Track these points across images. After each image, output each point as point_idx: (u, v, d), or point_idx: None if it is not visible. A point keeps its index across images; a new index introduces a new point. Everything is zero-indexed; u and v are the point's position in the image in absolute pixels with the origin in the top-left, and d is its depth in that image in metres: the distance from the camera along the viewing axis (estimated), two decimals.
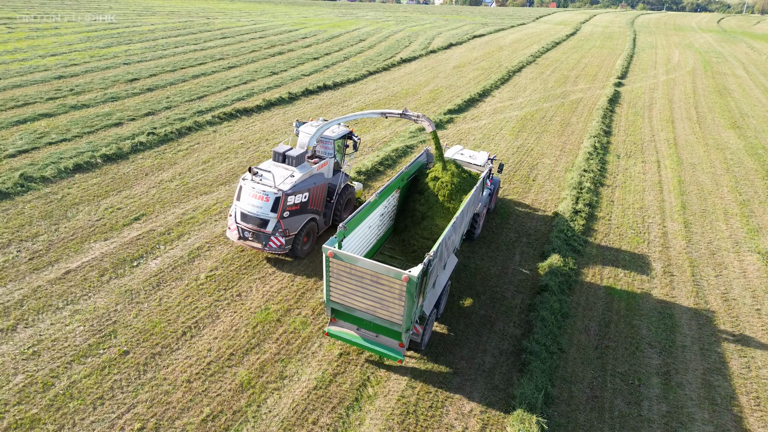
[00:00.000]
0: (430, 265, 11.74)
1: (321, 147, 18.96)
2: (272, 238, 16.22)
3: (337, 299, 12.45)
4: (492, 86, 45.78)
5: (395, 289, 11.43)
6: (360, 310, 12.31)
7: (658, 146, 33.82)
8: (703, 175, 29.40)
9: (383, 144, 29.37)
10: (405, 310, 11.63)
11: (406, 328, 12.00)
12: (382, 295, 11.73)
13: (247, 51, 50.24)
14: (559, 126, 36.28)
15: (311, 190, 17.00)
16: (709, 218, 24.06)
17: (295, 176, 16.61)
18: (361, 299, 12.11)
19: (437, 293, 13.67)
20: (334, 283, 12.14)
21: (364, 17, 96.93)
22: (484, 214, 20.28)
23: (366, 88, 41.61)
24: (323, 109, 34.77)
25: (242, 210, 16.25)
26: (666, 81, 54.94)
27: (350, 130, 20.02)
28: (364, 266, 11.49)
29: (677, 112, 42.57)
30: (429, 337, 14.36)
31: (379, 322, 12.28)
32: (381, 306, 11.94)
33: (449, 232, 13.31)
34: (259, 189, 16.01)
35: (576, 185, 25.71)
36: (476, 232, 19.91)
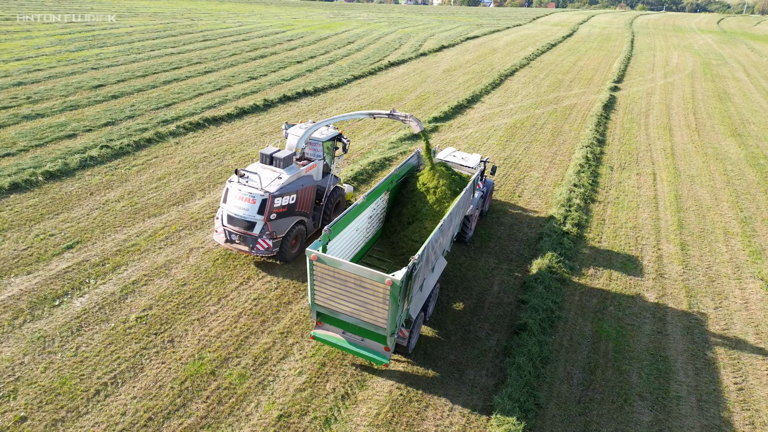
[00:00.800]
0: (415, 268, 11.60)
1: (310, 149, 18.88)
2: (259, 240, 16.14)
3: (322, 303, 12.38)
4: (482, 91, 44.00)
5: (379, 292, 11.38)
6: (345, 314, 12.28)
7: (655, 156, 32.06)
8: (702, 188, 27.63)
9: (360, 156, 27.55)
10: (389, 314, 11.56)
11: (390, 332, 11.93)
12: (366, 298, 11.67)
13: (227, 54, 48.42)
14: (550, 135, 34.50)
15: (299, 192, 16.85)
16: (708, 239, 22.28)
17: (282, 178, 16.49)
18: (345, 303, 12.06)
19: (424, 296, 13.66)
20: (318, 286, 12.08)
21: (356, 18, 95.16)
22: (476, 216, 20.21)
23: (349, 94, 39.81)
24: (300, 117, 32.95)
25: (228, 212, 16.12)
26: (664, 85, 53.23)
27: (339, 132, 19.93)
28: (348, 270, 11.43)
29: (675, 119, 40.83)
30: (416, 341, 14.27)
31: (363, 325, 12.21)
32: (365, 310, 11.88)
33: (436, 235, 13.14)
34: (246, 191, 15.88)
35: (565, 202, 23.92)
36: (468, 234, 19.69)
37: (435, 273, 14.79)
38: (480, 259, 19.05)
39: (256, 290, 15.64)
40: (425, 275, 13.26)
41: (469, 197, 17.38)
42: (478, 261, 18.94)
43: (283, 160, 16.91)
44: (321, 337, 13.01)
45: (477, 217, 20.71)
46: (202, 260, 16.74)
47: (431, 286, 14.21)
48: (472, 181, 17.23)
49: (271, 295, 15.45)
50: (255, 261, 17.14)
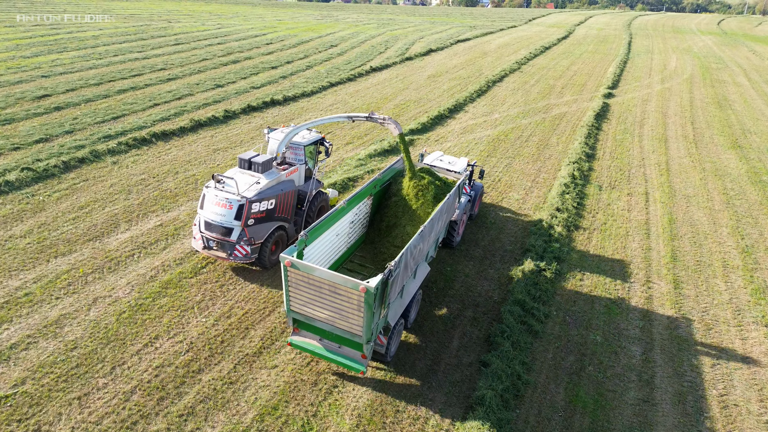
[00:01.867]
0: (391, 275, 11.41)
1: (291, 153, 18.69)
2: (237, 247, 15.90)
3: (297, 309, 12.27)
4: (466, 99, 41.55)
5: (353, 299, 11.25)
6: (320, 321, 12.13)
7: (648, 173, 29.61)
8: (699, 211, 25.18)
9: (322, 176, 25.13)
10: (364, 321, 11.43)
11: (366, 339, 11.79)
12: (341, 305, 11.54)
13: (197, 59, 45.92)
14: (536, 148, 32.04)
15: (278, 197, 16.67)
16: (705, 273, 19.81)
17: (260, 183, 16.32)
18: (320, 309, 11.91)
19: (405, 303, 13.53)
20: (293, 292, 11.96)
21: (344, 20, 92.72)
22: (464, 221, 20.17)
23: (322, 103, 37.35)
24: (261, 130, 30.45)
25: (206, 219, 15.92)
26: (661, 91, 50.81)
27: (322, 136, 19.67)
28: (322, 276, 11.30)
29: (671, 129, 38.39)
30: (396, 348, 14.13)
31: (339, 333, 12.07)
32: (340, 317, 11.73)
33: (415, 241, 12.99)
34: (222, 196, 15.70)
35: (545, 229, 21.47)
36: (455, 239, 19.55)
37: (417, 279, 14.58)
38: (442, 303, 16.55)
39: (162, 354, 13.13)
40: (405, 281, 13.10)
41: (454, 202, 17.09)
42: (439, 305, 16.43)
43: (261, 164, 16.70)
44: (298, 344, 12.87)
45: (465, 222, 20.64)
46: (105, 314, 14.23)
47: (412, 293, 14.04)
48: (456, 187, 16.86)
49: (179, 361, 12.96)
50: (206, 291, 14.68)
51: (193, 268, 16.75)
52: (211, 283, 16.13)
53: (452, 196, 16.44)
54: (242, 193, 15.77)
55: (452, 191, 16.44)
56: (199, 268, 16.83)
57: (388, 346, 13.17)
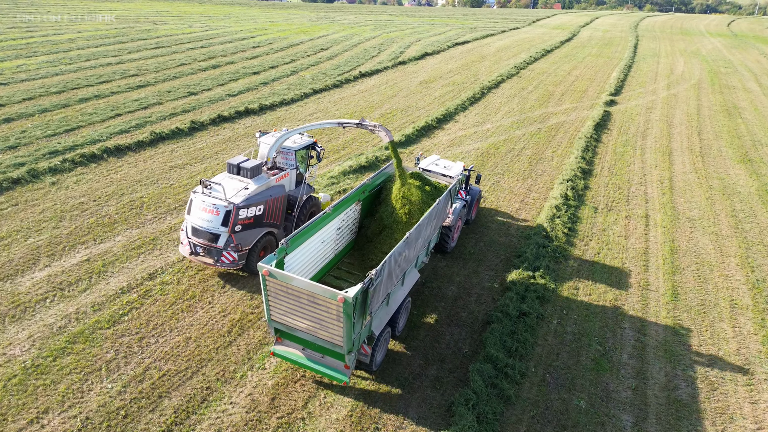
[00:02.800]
0: (371, 284, 11.17)
1: (282, 158, 18.56)
2: (224, 253, 15.81)
3: (278, 319, 12.13)
4: (458, 107, 39.28)
5: (332, 309, 11.06)
6: (301, 331, 11.99)
7: (650, 191, 27.25)
8: (704, 237, 22.82)
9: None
10: (344, 331, 11.25)
11: (348, 349, 11.62)
12: (321, 315, 11.36)
13: (174, 64, 43.86)
14: (528, 163, 29.74)
15: (267, 202, 16.56)
16: (710, 316, 17.46)
17: (249, 188, 16.20)
18: (300, 319, 11.74)
19: (391, 311, 13.42)
20: (272, 302, 11.82)
21: (340, 21, 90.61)
22: (459, 226, 20.05)
23: (301, 112, 35.18)
24: (229, 143, 28.31)
25: (193, 224, 15.84)
26: (666, 98, 48.35)
27: (314, 141, 19.51)
28: (300, 286, 11.11)
29: (676, 140, 35.99)
30: (383, 357, 13.96)
31: (321, 343, 11.90)
32: (321, 327, 11.57)
33: (400, 249, 12.75)
34: (209, 202, 15.59)
35: (530, 261, 19.17)
36: (449, 245, 19.40)
37: (405, 286, 14.47)
38: (403, 359, 14.30)
39: None
40: (390, 289, 12.86)
41: (445, 208, 16.71)
42: (399, 362, 14.20)
43: (250, 170, 16.50)
44: (281, 354, 12.74)
45: (460, 227, 20.44)
46: None
47: (400, 300, 13.94)
48: (447, 192, 16.52)
49: None
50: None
51: (113, 315, 14.54)
52: (130, 335, 13.93)
53: (442, 202, 15.98)
54: (229, 199, 15.62)
55: (442, 197, 15.95)
56: (121, 315, 14.64)
57: (373, 355, 12.93)
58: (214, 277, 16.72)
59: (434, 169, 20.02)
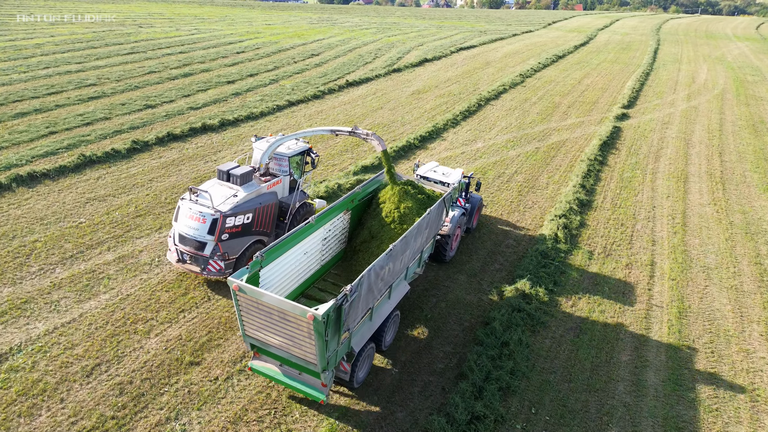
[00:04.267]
0: (346, 300, 10.79)
1: (275, 164, 18.35)
2: (210, 261, 15.69)
3: (252, 334, 11.85)
4: (449, 123, 35.66)
5: (303, 327, 10.72)
6: (274, 347, 11.73)
7: (658, 230, 23.41)
8: (722, 293, 18.95)
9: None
10: (317, 349, 10.87)
11: (322, 368, 11.25)
12: (292, 332, 11.05)
13: (142, 72, 40.84)
14: (517, 193, 26.05)
15: (256, 210, 16.40)
16: (723, 417, 13.67)
17: (238, 196, 16.08)
18: (273, 336, 11.45)
19: (374, 326, 13.21)
20: (245, 317, 11.55)
21: (342, 24, 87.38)
22: (458, 235, 19.80)
23: (269, 128, 31.82)
24: (171, 167, 25.02)
25: (180, 232, 15.74)
26: (686, 111, 44.20)
27: (309, 146, 19.25)
28: (270, 302, 10.82)
29: (694, 163, 31.97)
30: (366, 373, 13.63)
31: (295, 360, 11.63)
32: (293, 344, 11.26)
33: (382, 262, 12.30)
34: (196, 210, 15.48)
35: (498, 334, 15.50)
36: (447, 254, 19.18)
37: (392, 300, 14.26)
38: None
39: None
40: (372, 304, 12.71)
41: (438, 217, 16.44)
42: None
43: (240, 176, 16.32)
44: (258, 369, 12.57)
45: (460, 236, 20.17)
46: None
47: (386, 314, 13.74)
48: (440, 201, 16.08)
49: None
50: None
51: None
52: None
53: (435, 211, 15.55)
54: (217, 207, 15.44)
55: (433, 206, 15.41)
56: None
57: (354, 373, 12.62)
58: (79, 361, 13.34)
59: (432, 176, 19.74)
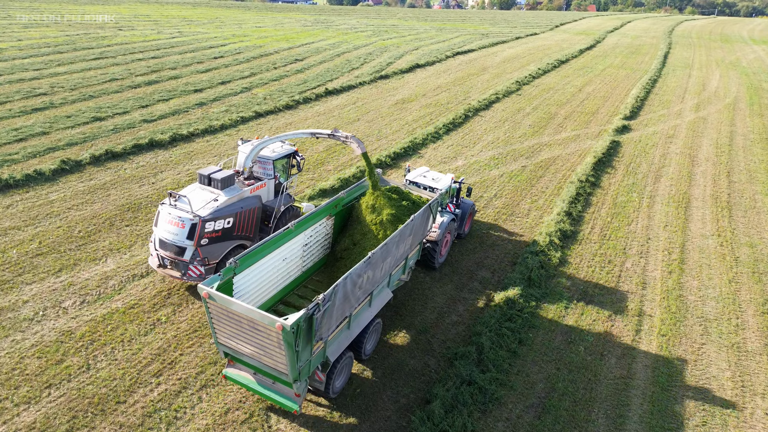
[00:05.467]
0: (318, 309, 10.73)
1: (260, 167, 18.30)
2: (191, 266, 15.57)
3: (224, 342, 11.80)
4: (429, 137, 32.88)
5: (272, 336, 10.62)
6: (246, 356, 11.69)
7: (651, 268, 20.52)
8: (720, 354, 16.08)
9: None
10: (287, 359, 10.76)
11: (293, 378, 11.15)
12: (263, 341, 10.97)
13: (102, 80, 38.29)
14: (492, 221, 23.21)
15: (238, 214, 16.35)
16: None
17: (218, 200, 16.01)
18: (244, 344, 11.41)
19: (353, 335, 13.11)
20: (216, 325, 11.54)
21: (337, 26, 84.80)
22: (448, 241, 19.67)
23: (226, 143, 29.21)
24: (100, 191, 22.43)
25: (160, 237, 15.66)
26: (693, 122, 41.10)
27: (295, 149, 19.40)
28: (239, 311, 10.74)
29: (698, 184, 28.95)
30: (344, 383, 13.47)
31: (267, 369, 11.61)
32: (264, 353, 11.19)
33: (360, 269, 12.26)
34: (175, 214, 15.41)
35: (432, 419, 12.68)
36: (436, 260, 18.98)
37: (373, 307, 14.10)
38: None
39: None
40: (349, 312, 12.60)
41: (423, 224, 16.30)
42: None
43: (221, 181, 16.33)
44: (232, 377, 12.48)
45: (450, 242, 20.06)
46: None
47: (365, 323, 13.58)
48: (425, 207, 15.93)
49: None
50: None
51: None
52: None
53: (419, 218, 15.41)
54: (196, 212, 15.44)
55: (417, 213, 15.30)
56: None
57: (330, 382, 12.55)
58: None
59: (421, 181, 19.71)
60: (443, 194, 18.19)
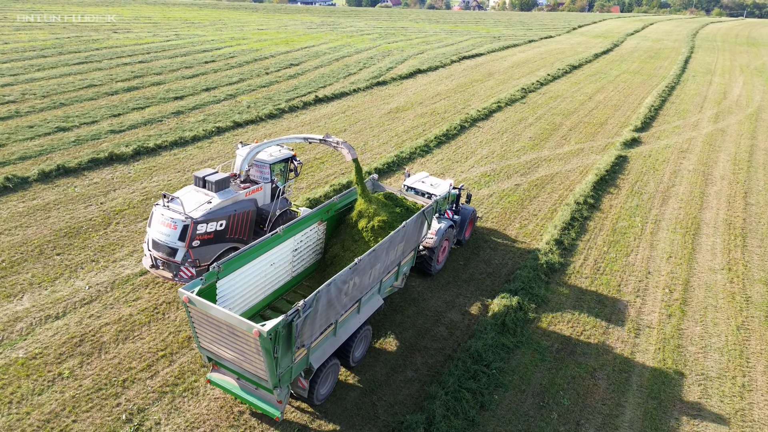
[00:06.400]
0: (298, 316, 10.62)
1: (256, 171, 18.48)
2: (182, 268, 15.66)
3: (206, 347, 11.78)
4: (418, 150, 30.70)
5: (251, 342, 10.57)
6: (227, 361, 11.63)
7: (647, 310, 18.12)
8: (720, 429, 13.62)
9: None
10: (266, 366, 10.67)
11: (273, 384, 11.06)
12: (242, 347, 10.91)
13: (79, 86, 36.71)
14: (472, 252, 20.97)
15: (231, 217, 16.45)
16: None
17: (212, 203, 16.14)
18: (225, 350, 11.34)
19: (339, 341, 13.04)
20: (197, 329, 11.50)
21: (343, 29, 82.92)
22: (445, 248, 19.43)
23: (195, 157, 27.34)
24: (40, 213, 20.65)
25: (153, 237, 15.83)
26: (711, 134, 38.35)
27: (293, 154, 19.49)
28: (218, 316, 10.71)
29: (711, 207, 26.38)
30: (330, 390, 13.40)
31: (248, 375, 11.53)
32: (244, 359, 11.13)
33: (344, 276, 12.12)
34: (168, 216, 15.57)
35: None
36: (433, 267, 18.74)
37: (362, 314, 14.04)
38: None
39: None
40: (334, 319, 12.50)
41: (416, 231, 15.94)
42: None
43: (215, 183, 16.47)
44: (216, 382, 12.47)
45: (448, 249, 19.88)
46: None
47: (353, 329, 13.53)
48: (418, 214, 15.56)
49: None
50: None
51: None
52: None
53: (411, 224, 15.23)
54: (188, 214, 15.56)
55: (410, 219, 15.14)
56: None
57: (314, 389, 12.42)
58: None
59: (420, 187, 19.51)
60: (440, 200, 18.19)
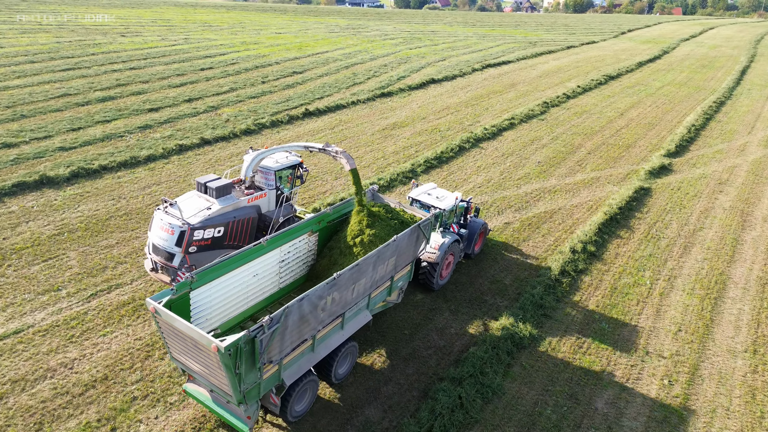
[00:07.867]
0: (263, 331, 10.43)
1: (261, 177, 18.54)
2: (179, 273, 15.78)
3: (177, 357, 11.73)
4: (400, 176, 27.20)
5: (212, 357, 10.39)
6: (196, 373, 11.52)
7: (631, 413, 14.09)
8: None
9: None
10: (229, 381, 10.50)
11: (238, 401, 10.93)
12: (206, 361, 10.79)
13: (51, 96, 34.38)
14: (423, 318, 17.36)
15: (230, 224, 16.66)
16: None
17: (211, 209, 16.34)
18: (192, 362, 11.23)
19: (317, 358, 12.87)
20: (168, 340, 11.45)
21: (367, 33, 79.79)
22: (450, 263, 18.83)
23: (138, 183, 24.69)
24: None
25: (152, 241, 16.14)
26: (758, 161, 33.44)
27: (300, 161, 19.45)
28: (181, 328, 10.58)
29: (743, 259, 21.97)
30: (307, 407, 13.13)
31: (215, 389, 11.42)
32: (210, 372, 11.01)
33: (320, 291, 11.83)
34: (166, 221, 15.82)
35: None
36: (435, 282, 18.27)
37: (345, 330, 13.84)
38: None
39: None
40: (309, 335, 12.27)
41: (410, 245, 15.57)
42: None
43: (216, 189, 16.60)
44: (191, 393, 12.40)
45: (453, 264, 19.17)
46: None
47: (334, 346, 13.34)
48: (412, 228, 15.25)
49: None
50: None
51: None
52: None
53: (403, 238, 14.79)
54: (186, 219, 15.73)
55: (402, 233, 14.70)
56: None
57: (287, 406, 12.18)
58: None
59: (425, 199, 19.42)
60: (442, 214, 18.22)
